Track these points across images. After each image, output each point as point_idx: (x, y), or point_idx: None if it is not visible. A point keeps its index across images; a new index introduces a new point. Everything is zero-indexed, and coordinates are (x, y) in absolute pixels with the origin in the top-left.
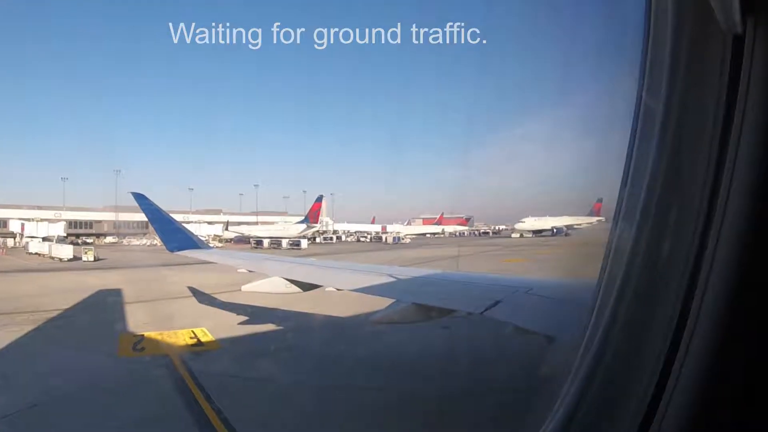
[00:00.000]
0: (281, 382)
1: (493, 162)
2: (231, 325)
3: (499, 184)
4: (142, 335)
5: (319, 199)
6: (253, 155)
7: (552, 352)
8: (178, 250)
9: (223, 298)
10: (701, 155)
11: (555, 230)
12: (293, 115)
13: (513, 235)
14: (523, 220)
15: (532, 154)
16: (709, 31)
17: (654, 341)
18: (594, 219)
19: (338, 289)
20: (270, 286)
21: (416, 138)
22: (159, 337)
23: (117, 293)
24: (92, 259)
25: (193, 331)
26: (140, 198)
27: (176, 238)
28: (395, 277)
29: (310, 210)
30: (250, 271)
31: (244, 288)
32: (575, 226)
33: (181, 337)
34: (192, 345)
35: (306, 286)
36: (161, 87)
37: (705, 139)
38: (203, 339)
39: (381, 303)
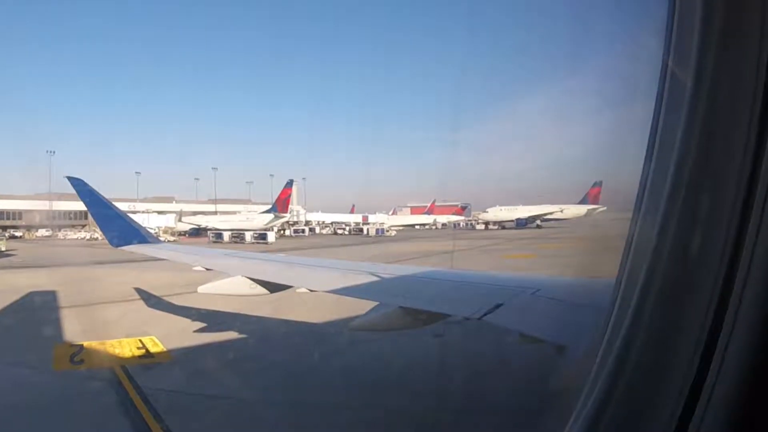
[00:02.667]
0: (243, 400)
1: (493, 140)
2: (185, 333)
3: (501, 167)
4: (82, 345)
5: (289, 184)
6: (210, 133)
7: (563, 363)
8: (123, 245)
9: (176, 301)
10: (738, 132)
11: (518, 222)
12: (257, 86)
13: (477, 227)
14: (487, 209)
15: (539, 130)
16: None
17: (683, 350)
18: (583, 207)
19: (311, 291)
20: (231, 287)
21: (403, 112)
22: (101, 348)
23: (52, 295)
24: (3, 249)
25: (140, 340)
26: (77, 183)
27: (120, 230)
28: (378, 276)
29: (278, 197)
30: (207, 269)
31: (201, 289)
32: (548, 217)
33: (127, 347)
34: (139, 356)
35: (273, 287)
36: (99, 53)
37: (743, 112)
38: (153, 349)
39: (362, 307)
